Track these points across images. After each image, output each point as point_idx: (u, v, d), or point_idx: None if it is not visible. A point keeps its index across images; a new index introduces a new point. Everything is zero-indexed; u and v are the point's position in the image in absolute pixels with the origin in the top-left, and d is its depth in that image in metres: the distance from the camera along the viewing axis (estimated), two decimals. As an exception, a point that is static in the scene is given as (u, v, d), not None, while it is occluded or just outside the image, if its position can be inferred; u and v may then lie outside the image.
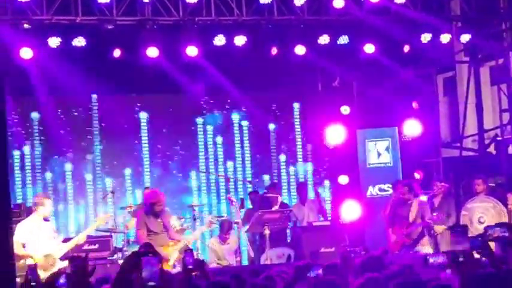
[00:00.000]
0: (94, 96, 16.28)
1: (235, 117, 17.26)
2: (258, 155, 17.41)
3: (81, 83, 14.89)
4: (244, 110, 17.16)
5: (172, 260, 12.15)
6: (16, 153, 15.85)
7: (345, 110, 16.32)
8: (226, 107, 17.17)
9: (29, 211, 12.28)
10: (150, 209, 12.38)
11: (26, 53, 14.12)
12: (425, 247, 13.14)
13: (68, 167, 16.21)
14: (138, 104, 16.66)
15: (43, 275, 11.15)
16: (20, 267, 12.48)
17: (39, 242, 11.54)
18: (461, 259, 4.17)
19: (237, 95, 16.37)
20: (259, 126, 17.42)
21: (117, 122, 16.27)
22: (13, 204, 12.26)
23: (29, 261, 10.99)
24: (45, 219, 11.75)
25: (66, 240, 12.36)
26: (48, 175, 16.10)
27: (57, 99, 15.82)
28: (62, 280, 5.58)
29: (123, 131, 16.42)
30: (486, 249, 4.92)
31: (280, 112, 17.58)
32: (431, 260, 5.88)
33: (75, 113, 16.31)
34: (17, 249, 11.13)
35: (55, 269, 11.35)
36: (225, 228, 14.00)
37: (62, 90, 15.11)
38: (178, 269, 11.43)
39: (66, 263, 11.02)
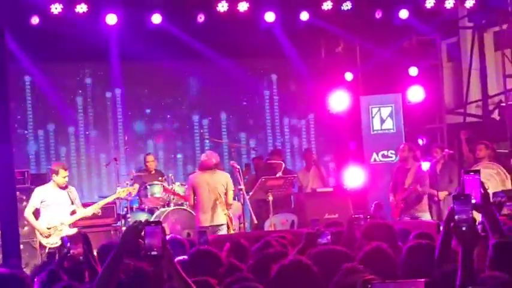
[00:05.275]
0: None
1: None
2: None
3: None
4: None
5: None
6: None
7: (349, 76, 16.25)
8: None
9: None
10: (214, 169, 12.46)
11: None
12: (423, 213, 12.98)
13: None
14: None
15: (46, 240, 11.33)
16: (24, 234, 12.64)
17: (51, 208, 11.54)
18: (464, 229, 4.11)
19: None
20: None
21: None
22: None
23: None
24: (61, 188, 11.67)
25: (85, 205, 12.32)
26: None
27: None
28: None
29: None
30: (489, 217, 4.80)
31: (282, 79, 17.54)
32: (441, 228, 5.84)
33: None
34: (28, 214, 11.31)
35: (60, 235, 11.47)
36: None
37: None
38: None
39: (74, 230, 11.39)
